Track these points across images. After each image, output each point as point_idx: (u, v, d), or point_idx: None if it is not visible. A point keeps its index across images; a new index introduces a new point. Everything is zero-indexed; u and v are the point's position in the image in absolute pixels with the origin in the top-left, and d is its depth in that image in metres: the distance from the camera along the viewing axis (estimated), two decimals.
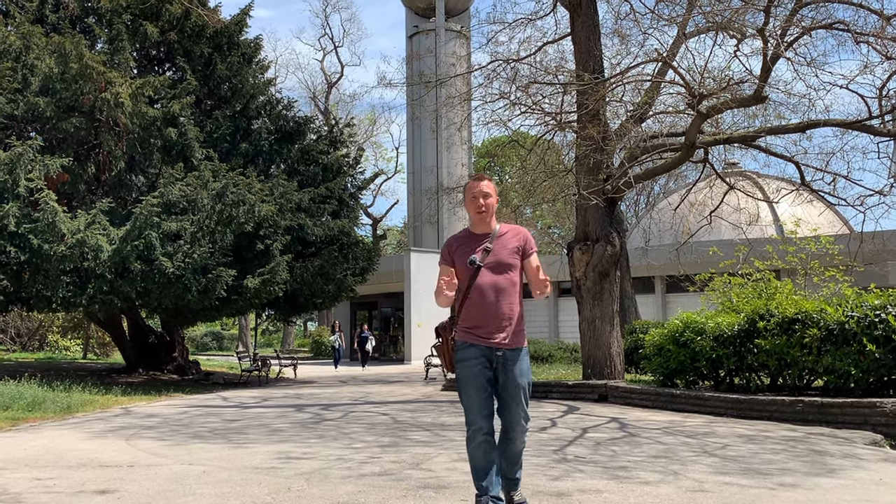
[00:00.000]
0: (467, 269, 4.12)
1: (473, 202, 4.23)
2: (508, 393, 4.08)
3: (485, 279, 4.11)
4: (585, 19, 13.05)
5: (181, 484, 5.44)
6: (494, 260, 4.13)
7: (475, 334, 4.11)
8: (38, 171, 14.40)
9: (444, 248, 4.33)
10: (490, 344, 4.08)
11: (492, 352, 4.08)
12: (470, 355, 4.10)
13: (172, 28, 18.40)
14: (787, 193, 14.77)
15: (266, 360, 19.44)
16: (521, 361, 4.14)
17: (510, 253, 4.17)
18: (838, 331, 8.70)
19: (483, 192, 4.21)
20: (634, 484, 5.26)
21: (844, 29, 11.20)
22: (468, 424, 4.10)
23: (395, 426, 8.86)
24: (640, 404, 10.75)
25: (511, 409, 4.09)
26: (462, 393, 4.13)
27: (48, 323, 31.10)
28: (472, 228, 4.31)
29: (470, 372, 4.08)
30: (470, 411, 4.08)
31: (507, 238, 4.22)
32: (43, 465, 6.37)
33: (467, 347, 4.12)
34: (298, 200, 17.51)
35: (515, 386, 4.08)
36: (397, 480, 5.44)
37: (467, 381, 4.09)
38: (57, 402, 11.19)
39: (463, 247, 4.23)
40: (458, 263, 4.19)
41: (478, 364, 4.07)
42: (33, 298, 15.10)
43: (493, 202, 4.23)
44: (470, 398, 4.08)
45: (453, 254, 4.24)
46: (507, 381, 4.09)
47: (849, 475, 5.59)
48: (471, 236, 4.26)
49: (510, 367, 4.09)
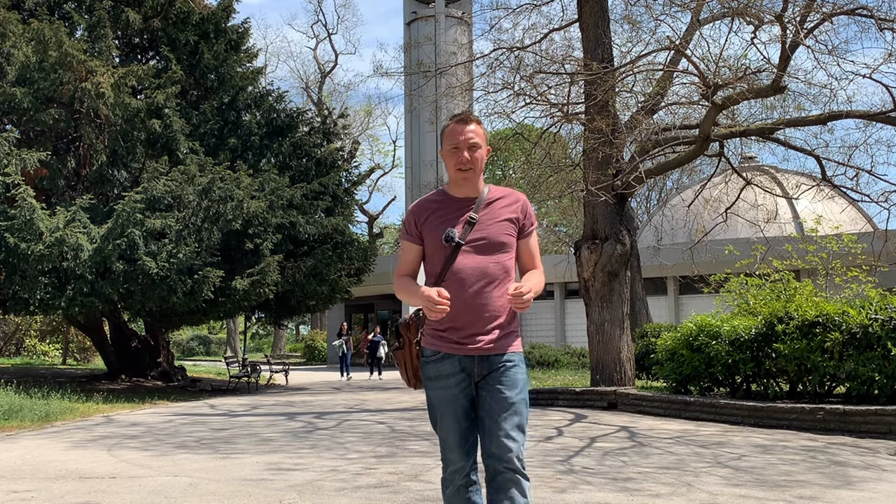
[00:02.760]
0: (442, 248, 3.13)
1: (454, 154, 3.17)
2: (493, 418, 3.06)
3: (466, 262, 3.11)
4: (594, 5, 13.06)
5: (166, 497, 5.45)
6: (481, 236, 3.14)
7: (450, 339, 3.11)
8: (15, 165, 14.41)
9: (407, 215, 3.30)
10: (471, 351, 3.10)
11: (473, 362, 3.11)
12: (444, 371, 3.12)
13: (156, 14, 18.42)
14: (808, 189, 14.78)
15: (256, 366, 19.47)
16: (514, 373, 3.14)
17: (503, 227, 3.18)
18: (861, 335, 8.71)
19: (468, 141, 3.15)
20: (645, 497, 5.27)
21: (868, 15, 11.21)
22: (445, 463, 3.18)
23: (393, 435, 8.87)
24: (652, 412, 10.77)
25: (496, 441, 3.03)
26: (436, 423, 3.20)
27: (25, 326, 31.12)
28: (450, 190, 3.25)
29: (445, 395, 3.13)
30: (447, 447, 3.15)
31: (500, 206, 3.22)
32: (20, 476, 6.39)
33: (440, 359, 3.13)
34: (290, 196, 17.53)
35: (504, 407, 3.06)
36: (394, 493, 5.46)
37: (443, 408, 3.14)
38: (35, 410, 11.20)
39: (436, 215, 3.20)
40: (428, 239, 3.19)
41: (456, 383, 3.12)
42: (9, 300, 15.12)
43: (481, 156, 3.18)
44: (447, 430, 3.13)
45: (422, 225, 3.22)
46: (492, 401, 3.08)
47: (871, 487, 5.60)
48: (448, 201, 3.22)
49: (497, 382, 3.10)
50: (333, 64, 51.00)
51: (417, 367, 3.26)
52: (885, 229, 13.22)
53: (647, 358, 14.46)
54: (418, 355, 3.24)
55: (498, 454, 3.02)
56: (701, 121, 12.55)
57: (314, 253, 18.42)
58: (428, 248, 3.21)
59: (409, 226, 3.27)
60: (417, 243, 3.23)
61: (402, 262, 3.28)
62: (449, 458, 3.16)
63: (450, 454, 3.15)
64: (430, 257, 3.20)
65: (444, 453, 3.18)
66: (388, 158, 53.05)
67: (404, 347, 3.29)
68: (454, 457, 3.14)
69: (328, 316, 35.81)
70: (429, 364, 3.18)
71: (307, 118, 21.44)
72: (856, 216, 24.68)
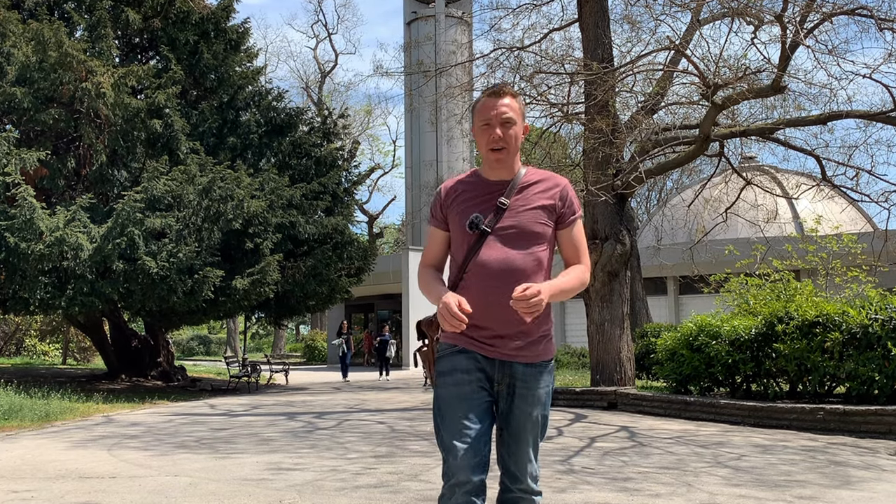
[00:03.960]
0: (466, 235, 2.79)
1: (486, 132, 2.81)
2: (511, 431, 2.77)
3: (492, 253, 2.74)
4: (594, 5, 13.06)
5: (166, 497, 5.46)
6: (511, 224, 2.77)
7: (470, 336, 2.73)
8: (15, 165, 14.42)
9: (434, 197, 2.97)
10: (493, 354, 2.75)
11: (494, 366, 2.76)
12: (459, 365, 2.75)
13: (156, 14, 18.43)
14: (808, 189, 14.79)
15: (256, 366, 19.47)
16: (540, 384, 2.78)
17: (536, 215, 2.79)
18: (861, 335, 8.72)
19: (501, 116, 2.78)
20: (644, 496, 5.28)
21: (868, 15, 11.22)
22: (445, 476, 2.71)
23: (393, 435, 8.88)
24: (652, 412, 10.78)
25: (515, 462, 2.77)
26: (440, 423, 2.75)
27: (25, 326, 31.13)
28: (483, 172, 2.91)
29: (457, 392, 2.72)
30: (450, 454, 2.68)
31: (536, 191, 2.83)
32: (20, 476, 6.39)
33: (455, 353, 2.77)
34: (290, 196, 17.53)
35: (523, 421, 2.76)
36: (394, 493, 5.46)
37: (452, 406, 2.72)
38: (35, 409, 11.21)
39: (464, 198, 2.86)
40: (453, 225, 2.85)
41: (470, 382, 2.73)
42: (10, 300, 15.12)
43: (517, 133, 2.81)
44: (452, 433, 2.69)
45: (447, 209, 2.88)
46: (511, 414, 2.76)
47: (871, 487, 5.60)
48: (479, 183, 2.88)
49: (522, 393, 2.75)
50: (333, 64, 51.07)
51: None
52: (885, 229, 13.23)
53: (647, 358, 14.47)
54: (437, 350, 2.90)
55: (516, 473, 2.78)
56: (701, 121, 12.56)
57: (314, 253, 18.42)
58: (453, 235, 2.86)
59: (434, 209, 2.93)
60: (444, 229, 2.90)
61: (427, 250, 2.95)
62: (452, 468, 2.68)
63: (453, 463, 2.67)
64: (455, 245, 2.86)
65: (447, 463, 2.71)
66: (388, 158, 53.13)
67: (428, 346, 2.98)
68: (457, 467, 2.66)
69: (328, 316, 35.81)
70: (444, 358, 2.81)
71: (307, 118, 21.44)
72: (856, 216, 24.69)
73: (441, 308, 2.62)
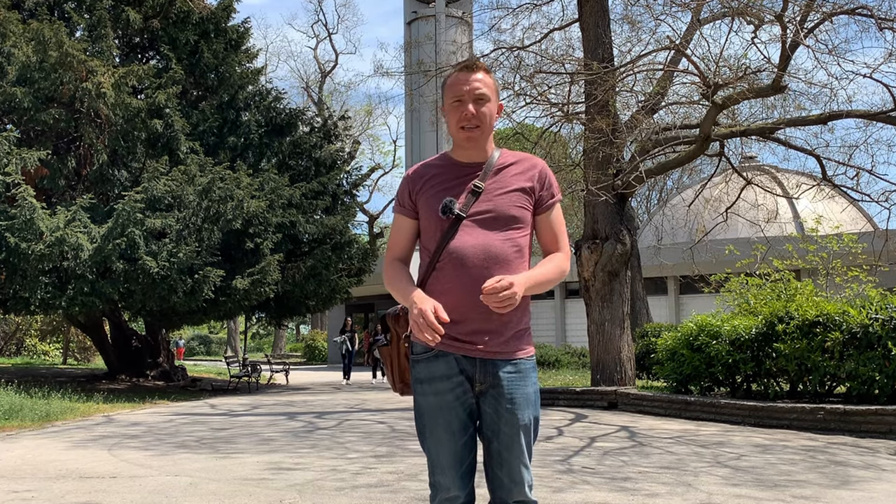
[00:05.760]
0: (439, 221, 2.56)
1: (456, 109, 2.58)
2: (501, 438, 2.54)
3: (467, 239, 2.52)
4: (594, 4, 13.07)
5: (166, 496, 5.46)
6: (487, 208, 2.56)
7: (447, 335, 2.44)
8: (15, 164, 14.43)
9: (401, 183, 2.72)
10: (473, 352, 2.52)
11: (475, 366, 2.53)
12: (438, 373, 2.53)
13: (156, 14, 18.44)
14: (808, 189, 14.79)
15: (256, 366, 19.49)
16: (525, 382, 2.57)
17: (514, 198, 2.59)
18: (862, 334, 8.72)
19: (475, 92, 2.56)
20: (643, 496, 5.29)
21: (868, 14, 11.22)
22: (433, 488, 2.58)
23: (392, 435, 8.89)
24: (652, 412, 10.79)
25: (507, 471, 2.54)
26: (424, 436, 2.59)
27: (26, 326, 31.16)
28: (453, 154, 2.68)
29: (438, 402, 2.53)
30: (437, 468, 2.55)
31: (512, 173, 2.63)
32: (20, 476, 6.40)
33: (433, 359, 2.54)
34: (290, 196, 17.54)
35: (513, 425, 2.53)
36: (394, 493, 5.47)
37: (433, 419, 2.54)
38: (35, 409, 11.22)
39: (434, 182, 2.62)
40: (423, 210, 2.61)
41: (451, 388, 2.53)
42: (10, 300, 15.14)
43: (490, 111, 2.59)
44: (438, 446, 2.53)
45: (416, 195, 2.64)
46: (499, 417, 2.54)
47: (871, 487, 5.61)
48: (450, 166, 2.65)
49: (506, 392, 2.53)
50: (334, 64, 51.08)
51: (406, 367, 2.67)
52: (886, 229, 13.24)
53: (647, 358, 14.48)
54: (407, 353, 2.64)
55: (509, 486, 2.54)
56: (701, 120, 12.56)
57: (314, 253, 18.43)
58: (423, 222, 2.61)
59: (402, 196, 2.67)
60: (412, 217, 2.64)
61: (393, 241, 2.68)
62: (439, 482, 2.54)
63: (440, 477, 2.53)
64: (426, 232, 2.61)
65: (433, 476, 2.56)
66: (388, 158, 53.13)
67: (392, 343, 2.69)
68: (446, 481, 2.52)
69: (328, 316, 35.84)
70: (419, 363, 2.57)
71: (307, 118, 21.46)
72: (856, 216, 24.68)
73: (415, 314, 2.40)
